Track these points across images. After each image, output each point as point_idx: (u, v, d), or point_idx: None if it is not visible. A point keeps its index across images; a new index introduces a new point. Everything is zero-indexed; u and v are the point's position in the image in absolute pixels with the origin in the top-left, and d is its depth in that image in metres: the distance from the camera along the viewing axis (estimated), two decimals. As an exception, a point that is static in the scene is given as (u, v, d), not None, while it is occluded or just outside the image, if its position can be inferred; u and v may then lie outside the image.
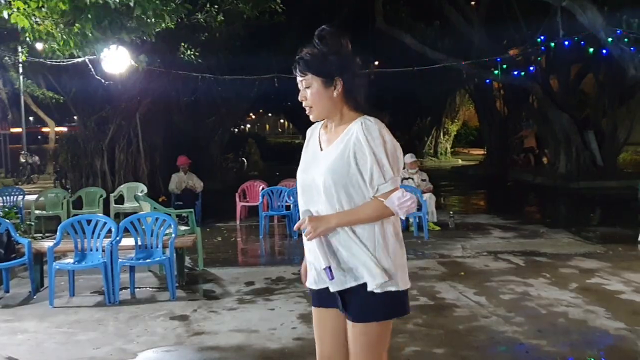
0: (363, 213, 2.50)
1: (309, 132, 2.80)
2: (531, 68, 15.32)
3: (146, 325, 5.63)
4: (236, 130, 34.79)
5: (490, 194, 18.22)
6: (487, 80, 18.93)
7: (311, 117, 2.68)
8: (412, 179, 10.88)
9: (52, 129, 29.42)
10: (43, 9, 6.23)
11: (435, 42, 17.59)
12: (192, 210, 8.80)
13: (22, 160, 25.40)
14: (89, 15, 6.61)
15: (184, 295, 6.68)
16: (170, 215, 7.47)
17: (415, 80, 18.76)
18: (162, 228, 6.87)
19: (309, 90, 2.60)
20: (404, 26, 17.83)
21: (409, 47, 16.75)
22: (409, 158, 11.32)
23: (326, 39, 2.56)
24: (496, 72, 14.67)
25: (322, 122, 2.73)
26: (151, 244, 6.85)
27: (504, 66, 14.36)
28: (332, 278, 2.50)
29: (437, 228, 10.53)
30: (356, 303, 2.55)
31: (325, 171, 2.54)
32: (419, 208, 10.15)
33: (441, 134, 34.72)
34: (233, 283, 7.11)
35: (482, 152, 29.54)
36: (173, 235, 6.83)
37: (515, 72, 15.53)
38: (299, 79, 2.63)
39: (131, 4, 6.56)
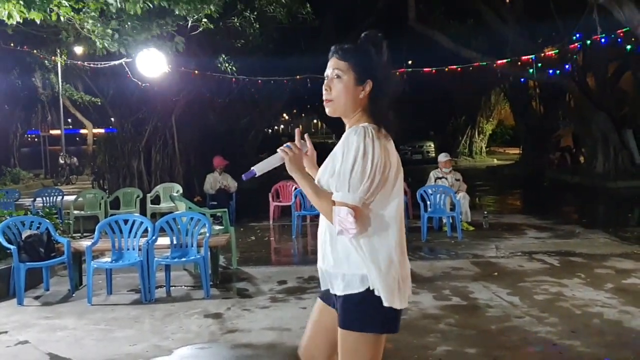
0: (321, 197, 2.48)
1: None
2: (567, 66, 15.10)
3: (181, 323, 5.74)
4: (270, 130, 34.98)
5: (525, 193, 18.01)
6: (522, 79, 18.71)
7: (327, 111, 2.58)
8: (446, 178, 10.81)
9: (90, 131, 30.03)
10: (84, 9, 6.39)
11: (469, 41, 17.45)
12: (226, 210, 8.90)
13: (61, 161, 25.96)
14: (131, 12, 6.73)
15: (218, 294, 6.78)
16: (204, 214, 7.58)
17: (449, 80, 18.67)
18: (196, 227, 6.99)
19: (338, 81, 2.52)
20: (437, 25, 17.75)
21: (442, 46, 16.66)
22: (443, 157, 11.29)
23: (372, 38, 2.52)
24: (531, 70, 14.51)
25: None
26: (186, 243, 6.97)
27: (539, 64, 14.20)
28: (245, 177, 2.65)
29: (471, 228, 10.46)
30: (340, 307, 2.52)
31: (320, 170, 2.60)
32: (452, 208, 10.11)
33: (476, 133, 34.39)
34: (266, 282, 7.19)
35: (517, 151, 29.18)
36: (207, 234, 6.94)
37: (551, 71, 15.32)
38: (330, 68, 2.55)
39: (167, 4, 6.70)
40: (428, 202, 10.08)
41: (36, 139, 36.35)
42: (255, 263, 8.36)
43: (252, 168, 2.62)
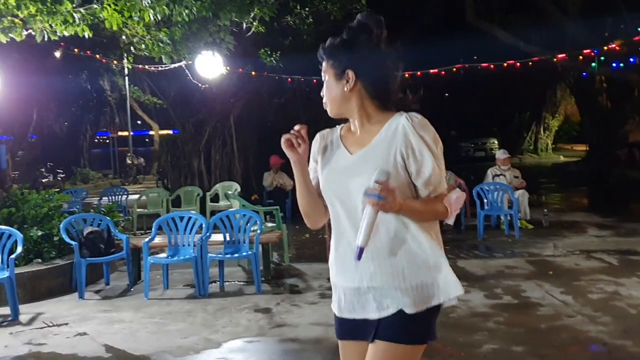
0: (431, 207, 2.24)
1: (320, 136, 2.46)
2: (631, 59, 14.54)
3: (231, 317, 5.89)
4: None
5: (589, 191, 17.47)
6: (584, 74, 18.15)
7: (329, 113, 2.39)
8: (504, 175, 10.62)
9: (157, 132, 30.87)
10: (134, 17, 6.62)
11: (529, 35, 17.04)
12: (278, 207, 9.03)
13: (128, 161, 26.88)
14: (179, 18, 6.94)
15: (269, 289, 6.91)
16: (257, 212, 7.74)
17: (511, 75, 18.26)
18: (248, 224, 7.14)
19: (324, 83, 2.35)
20: (496, 20, 17.40)
21: (502, 41, 16.34)
22: (501, 154, 11.11)
23: (349, 28, 2.29)
24: (594, 64, 14.06)
25: (341, 125, 2.45)
26: (239, 240, 7.13)
27: (602, 58, 13.74)
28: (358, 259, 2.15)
29: (530, 226, 10.25)
30: (399, 323, 2.24)
31: (368, 175, 2.14)
32: (510, 206, 9.93)
33: (541, 129, 33.55)
34: (316, 278, 7.27)
35: (584, 148, 28.30)
36: (258, 231, 7.07)
37: (614, 64, 14.80)
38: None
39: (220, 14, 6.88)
40: (485, 200, 9.94)
41: (107, 140, 37.63)
42: (307, 260, 8.45)
43: (357, 245, 2.14)
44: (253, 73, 13.00)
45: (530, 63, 13.40)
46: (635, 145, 21.29)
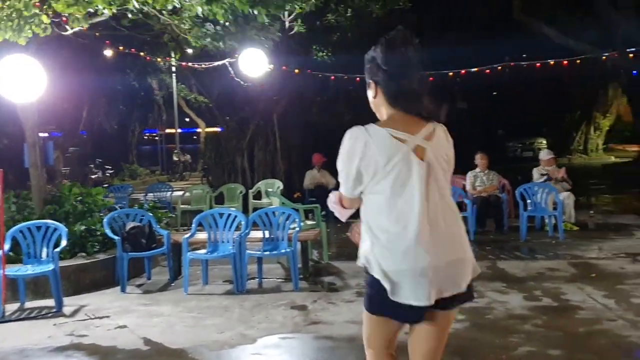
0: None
1: None
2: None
3: (267, 313, 5.94)
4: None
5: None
6: (634, 72, 17.62)
7: None
8: (548, 173, 10.42)
9: (203, 130, 31.29)
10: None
11: (578, 33, 16.64)
12: (317, 205, 9.05)
13: (175, 158, 27.35)
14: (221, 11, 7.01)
15: (306, 287, 6.94)
16: (297, 210, 7.78)
17: (560, 73, 17.89)
18: (287, 222, 7.19)
19: None
20: (543, 17, 17.04)
21: (550, 38, 16.01)
22: (545, 155, 10.92)
23: (377, 44, 2.58)
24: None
25: None
26: (277, 237, 7.19)
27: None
28: None
29: (575, 228, 10.04)
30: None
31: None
32: (555, 207, 9.73)
33: (591, 129, 32.73)
34: (354, 277, 7.27)
35: (637, 148, 27.48)
36: (297, 228, 7.11)
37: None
38: None
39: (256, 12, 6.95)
40: (529, 201, 9.77)
41: (155, 137, 38.39)
42: (347, 258, 8.45)
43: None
44: (297, 71, 13.07)
45: (578, 61, 13.10)
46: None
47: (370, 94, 2.62)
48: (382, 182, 2.47)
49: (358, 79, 12.39)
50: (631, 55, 12.89)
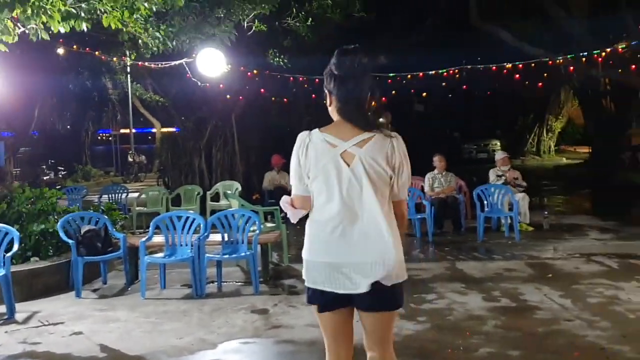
0: None
1: None
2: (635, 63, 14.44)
3: (227, 318, 5.86)
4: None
5: (591, 194, 17.38)
6: (588, 76, 18.06)
7: None
8: (505, 176, 10.58)
9: (158, 130, 30.83)
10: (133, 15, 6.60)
11: (533, 38, 16.96)
12: (277, 207, 8.97)
13: (130, 159, 26.86)
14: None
15: (266, 290, 6.88)
16: (256, 212, 7.70)
17: (515, 78, 18.18)
18: (247, 224, 7.10)
19: None
20: (500, 22, 17.31)
21: (506, 43, 16.27)
22: (500, 155, 11.17)
23: (333, 58, 2.81)
24: (597, 67, 13.98)
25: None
26: (237, 240, 7.10)
27: (606, 61, 13.65)
28: None
29: (530, 229, 10.22)
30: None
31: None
32: (511, 208, 9.89)
33: (544, 131, 33.46)
34: (314, 279, 7.21)
35: (588, 150, 28.20)
36: (257, 231, 7.04)
37: (619, 68, 14.71)
38: None
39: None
40: (485, 202, 9.90)
41: (109, 138, 37.68)
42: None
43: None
44: (255, 72, 12.96)
45: (533, 65, 13.34)
46: (639, 149, 21.24)
47: (327, 102, 2.85)
48: (314, 182, 2.76)
49: (317, 80, 12.38)
50: (584, 59, 13.18)
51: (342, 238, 2.69)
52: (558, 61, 13.28)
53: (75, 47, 10.17)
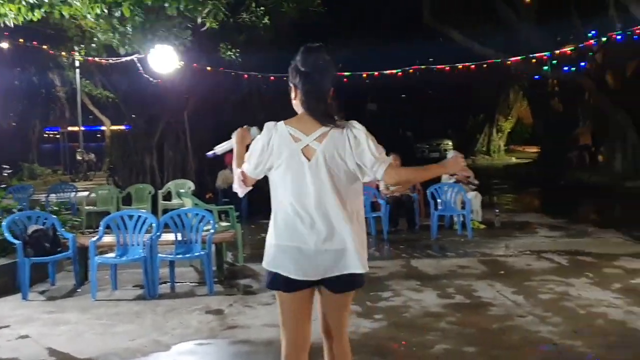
0: None
1: None
2: (582, 64, 14.89)
3: (182, 319, 5.74)
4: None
5: (541, 192, 17.81)
6: (536, 77, 18.53)
7: None
8: (456, 175, 10.68)
9: (108, 128, 30.22)
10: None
11: (484, 38, 17.27)
12: (232, 206, 8.88)
13: (79, 157, 26.23)
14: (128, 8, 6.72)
15: (221, 290, 6.78)
16: (210, 211, 7.59)
17: (466, 78, 18.47)
18: (201, 224, 6.99)
19: None
20: (452, 22, 17.57)
21: (458, 43, 16.51)
22: (451, 154, 11.08)
23: (297, 54, 2.96)
24: (545, 68, 14.33)
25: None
26: (191, 239, 6.97)
27: (554, 62, 14.01)
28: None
29: (482, 227, 10.38)
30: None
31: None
32: (464, 206, 10.01)
33: (494, 131, 34.12)
34: (270, 279, 7.15)
35: (536, 149, 28.88)
36: (211, 230, 6.94)
37: (566, 68, 15.12)
38: None
39: (166, 4, 6.70)
40: (439, 200, 10.00)
41: (57, 136, 36.74)
42: (263, 260, 8.32)
43: (214, 148, 3.25)
44: (209, 68, 12.80)
45: (485, 65, 13.57)
46: (586, 148, 21.83)
47: (292, 96, 2.98)
48: (275, 171, 2.90)
49: (273, 77, 12.32)
50: (533, 60, 13.47)
51: (306, 226, 2.84)
52: (509, 62, 13.52)
53: (21, 40, 9.85)
